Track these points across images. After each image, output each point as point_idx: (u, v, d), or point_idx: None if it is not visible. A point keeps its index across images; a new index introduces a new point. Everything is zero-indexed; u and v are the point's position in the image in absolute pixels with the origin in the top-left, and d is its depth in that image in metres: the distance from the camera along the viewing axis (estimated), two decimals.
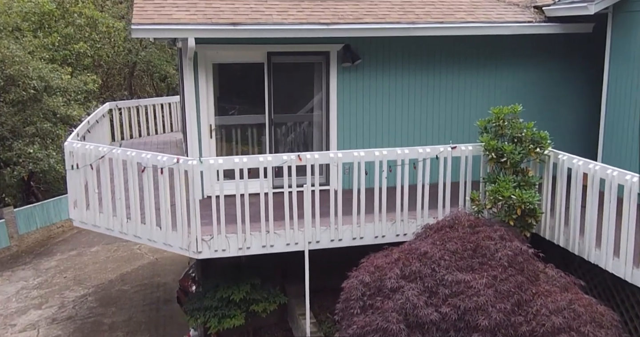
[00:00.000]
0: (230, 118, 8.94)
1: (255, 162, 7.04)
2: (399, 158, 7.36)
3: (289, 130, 9.14)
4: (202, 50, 8.21)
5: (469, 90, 9.39)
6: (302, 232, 7.28)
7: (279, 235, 7.26)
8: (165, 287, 13.57)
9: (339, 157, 7.20)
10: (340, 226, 7.37)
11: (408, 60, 9.07)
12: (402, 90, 9.15)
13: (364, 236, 7.48)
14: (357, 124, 9.10)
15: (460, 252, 6.17)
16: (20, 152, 17.54)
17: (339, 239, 7.43)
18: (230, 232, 7.13)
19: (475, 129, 9.44)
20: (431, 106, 9.27)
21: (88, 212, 8.09)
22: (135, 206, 7.46)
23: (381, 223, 7.49)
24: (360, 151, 7.26)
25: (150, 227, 7.38)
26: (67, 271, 15.68)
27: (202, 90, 8.50)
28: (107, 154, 7.57)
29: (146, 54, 25.61)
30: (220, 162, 6.93)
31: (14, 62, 17.00)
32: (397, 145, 9.19)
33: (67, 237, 19.39)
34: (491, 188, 6.69)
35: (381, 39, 8.77)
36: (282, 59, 8.75)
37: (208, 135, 8.71)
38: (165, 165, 7.03)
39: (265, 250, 7.27)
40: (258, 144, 9.12)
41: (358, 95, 9.02)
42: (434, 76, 9.20)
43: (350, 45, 8.75)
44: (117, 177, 7.55)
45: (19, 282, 15.34)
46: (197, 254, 7.05)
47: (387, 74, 9.04)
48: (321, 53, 8.79)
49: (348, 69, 8.88)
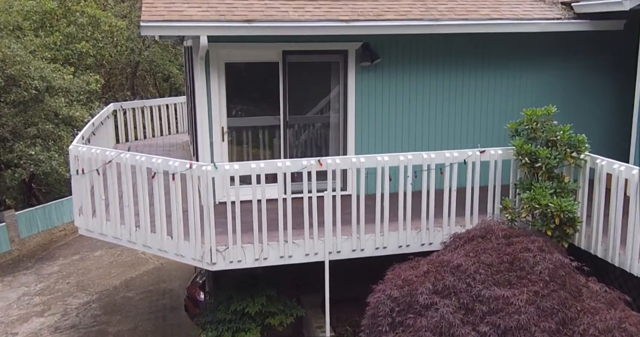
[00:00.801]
0: (243, 120, 8.51)
1: (272, 167, 6.62)
2: (424, 163, 6.94)
3: (304, 132, 8.72)
4: (214, 49, 7.78)
5: (492, 91, 8.96)
6: (322, 241, 6.85)
7: (297, 245, 6.83)
8: (172, 294, 13.16)
9: (362, 162, 6.77)
10: (362, 235, 6.94)
11: (429, 59, 8.64)
12: (422, 91, 8.72)
13: (387, 246, 7.05)
14: (375, 126, 8.67)
15: (496, 265, 5.74)
16: (22, 153, 17.12)
17: (361, 249, 7.00)
18: (246, 242, 6.71)
19: (499, 131, 9.06)
20: (452, 108, 8.85)
21: (94, 220, 7.67)
22: (145, 213, 7.04)
23: (405, 232, 7.06)
24: (384, 156, 6.83)
25: (161, 237, 6.96)
26: (70, 276, 15.27)
27: (214, 91, 8.08)
28: (115, 159, 7.15)
29: (149, 53, 25.19)
30: (236, 168, 6.50)
31: (15, 62, 16.57)
32: (417, 148, 8.79)
33: (69, 241, 18.97)
34: (527, 195, 6.26)
35: (402, 37, 8.34)
36: (298, 58, 8.32)
37: (220, 138, 8.28)
38: (177, 171, 6.61)
39: (283, 261, 6.84)
40: (271, 146, 8.69)
41: (377, 96, 8.59)
42: (456, 76, 8.78)
43: (369, 44, 8.32)
44: (125, 183, 7.13)
45: (20, 288, 14.93)
46: (211, 265, 6.63)
47: (408, 74, 8.61)
48: (339, 52, 8.36)
49: (367, 68, 8.46)
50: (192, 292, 11.24)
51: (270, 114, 8.52)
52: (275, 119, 8.51)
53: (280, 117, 8.44)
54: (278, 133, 8.56)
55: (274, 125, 8.57)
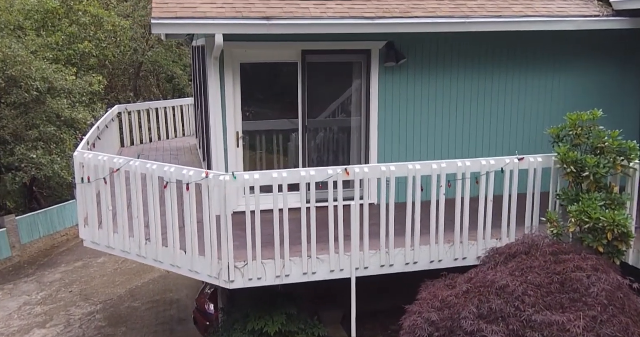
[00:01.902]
0: (259, 124, 7.98)
1: (295, 177, 6.09)
2: (459, 171, 6.41)
3: (323, 136, 8.19)
4: (229, 48, 7.25)
5: (523, 93, 8.43)
6: (348, 256, 6.32)
7: (322, 260, 6.30)
8: (179, 304, 12.62)
9: (392, 171, 6.24)
10: (391, 249, 6.41)
11: (457, 59, 8.12)
12: (449, 93, 8.19)
13: (418, 261, 6.52)
14: (399, 130, 8.15)
15: (546, 285, 5.20)
16: (22, 157, 16.62)
17: (389, 265, 6.47)
18: (267, 257, 6.18)
19: (529, 136, 8.55)
20: (481, 111, 8.32)
21: (100, 232, 7.14)
22: (156, 226, 6.51)
23: (438, 245, 6.53)
24: (415, 164, 6.30)
25: (173, 251, 6.43)
26: (72, 284, 14.74)
27: (228, 93, 7.55)
28: (124, 167, 6.62)
29: (153, 53, 24.69)
30: (257, 178, 5.97)
31: (16, 62, 16.07)
32: (444, 155, 8.27)
33: (71, 246, 18.46)
34: (575, 208, 5.72)
35: (428, 35, 7.81)
36: (318, 58, 7.79)
37: (234, 143, 7.75)
38: (191, 181, 6.08)
39: (306, 278, 6.31)
40: (288, 152, 8.16)
41: (402, 98, 8.06)
42: (485, 78, 8.25)
43: (393, 43, 7.80)
44: (135, 192, 6.61)
45: (21, 296, 14.40)
46: (228, 283, 6.09)
47: (434, 75, 8.08)
48: (361, 51, 7.84)
49: (391, 69, 7.93)
50: (201, 303, 10.70)
51: (288, 118, 8.00)
52: (293, 123, 7.98)
53: (298, 120, 7.91)
54: (296, 137, 8.03)
55: (292, 130, 8.04)
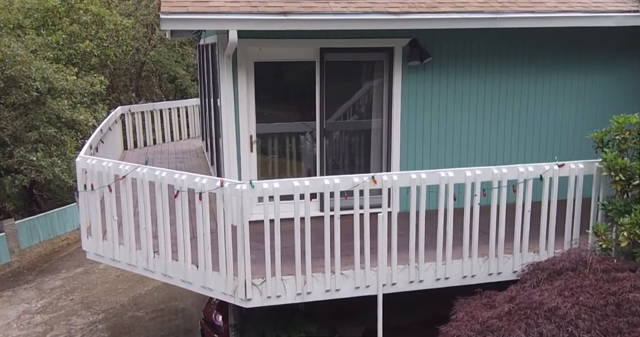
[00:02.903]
0: (274, 126, 7.47)
1: (319, 185, 5.58)
2: (495, 179, 5.89)
3: (342, 140, 7.68)
4: (243, 46, 6.73)
5: (554, 94, 7.92)
6: (374, 272, 5.81)
7: (346, 276, 5.79)
8: (185, 313, 12.11)
9: (423, 179, 5.73)
10: (421, 264, 5.90)
11: (485, 58, 7.60)
12: (477, 94, 7.68)
13: (449, 276, 6.01)
14: (423, 133, 7.64)
15: (600, 308, 4.70)
16: (22, 159, 16.10)
17: (419, 281, 5.96)
18: (287, 273, 5.67)
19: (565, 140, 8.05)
20: (510, 113, 7.81)
21: (105, 243, 6.64)
22: (165, 238, 6.00)
23: (471, 260, 6.02)
24: (448, 171, 5.79)
25: (184, 266, 5.92)
26: (73, 291, 14.23)
27: (242, 94, 7.04)
28: (130, 174, 6.11)
29: (155, 53, 24.17)
30: (277, 187, 5.46)
31: (15, 62, 15.56)
32: (470, 160, 7.78)
33: (72, 251, 17.93)
34: (627, 221, 5.22)
35: (455, 32, 7.31)
36: (337, 56, 7.28)
37: (248, 148, 7.24)
38: (205, 190, 5.57)
39: (329, 295, 5.80)
40: (305, 156, 7.66)
41: (426, 99, 7.55)
42: (514, 78, 7.74)
43: (417, 40, 7.29)
44: (142, 202, 6.10)
45: (20, 304, 13.89)
46: (245, 302, 5.58)
47: (460, 75, 7.57)
48: (383, 49, 7.33)
49: (414, 69, 7.42)
50: (209, 314, 10.21)
51: (305, 120, 7.49)
52: (310, 126, 7.47)
53: (316, 123, 7.40)
54: (313, 141, 7.52)
55: (309, 133, 7.54)
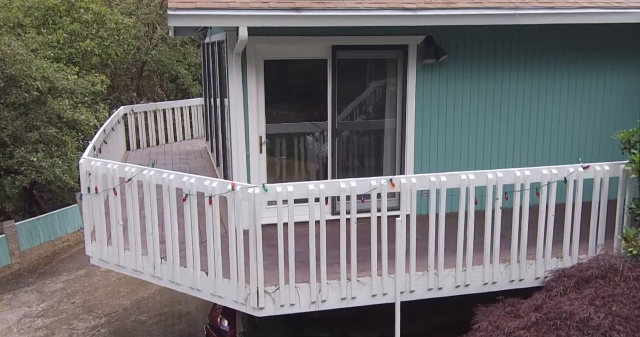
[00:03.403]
0: (284, 126, 7.22)
1: (334, 189, 5.32)
2: (517, 181, 5.65)
3: (354, 140, 7.43)
4: (252, 43, 6.48)
5: (573, 93, 7.68)
6: (392, 279, 5.56)
7: (362, 283, 5.54)
8: (189, 317, 11.85)
9: (443, 182, 5.48)
10: (441, 270, 5.66)
11: (503, 56, 7.35)
12: (493, 93, 7.44)
13: (470, 283, 5.76)
14: (438, 134, 7.39)
15: (635, 318, 4.46)
16: (22, 160, 15.83)
17: (438, 288, 5.71)
18: (301, 280, 5.42)
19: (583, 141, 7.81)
20: (528, 113, 7.57)
21: (109, 249, 6.39)
22: (173, 243, 5.75)
23: (492, 266, 5.77)
24: (469, 173, 5.55)
25: (193, 272, 5.67)
26: (75, 295, 13.96)
27: (251, 93, 6.79)
28: (136, 177, 5.86)
29: (157, 52, 23.90)
30: (291, 190, 5.21)
31: (16, 61, 15.27)
32: (487, 162, 7.54)
33: (73, 253, 17.67)
34: None
35: (472, 29, 7.06)
36: (350, 54, 7.03)
37: (257, 149, 6.99)
38: (215, 194, 5.32)
39: (345, 304, 5.55)
40: (316, 157, 7.41)
41: (441, 99, 7.31)
42: (533, 77, 7.49)
43: (433, 38, 7.04)
44: (149, 205, 5.85)
45: (20, 308, 13.62)
46: (257, 310, 5.34)
47: (477, 73, 7.32)
48: (398, 47, 7.08)
49: (429, 67, 7.17)
50: (214, 319, 9.94)
51: (316, 120, 7.25)
52: (321, 126, 7.23)
53: (327, 123, 7.15)
54: (324, 141, 7.28)
55: (320, 133, 7.29)
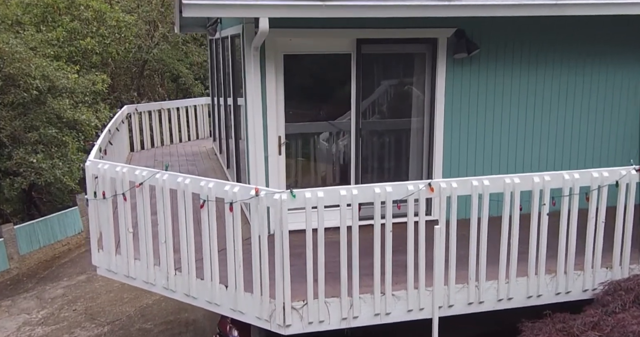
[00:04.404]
0: (304, 126, 6.75)
1: (368, 194, 4.83)
2: (566, 185, 5.17)
3: (379, 141, 6.95)
4: (272, 36, 5.97)
5: (618, 92, 7.20)
6: (429, 292, 5.08)
7: (397, 298, 5.06)
8: (196, 326, 11.36)
9: (486, 186, 5.00)
10: (482, 283, 5.18)
11: (541, 50, 6.87)
12: (530, 91, 6.95)
13: (513, 296, 5.28)
14: (469, 133, 6.91)
15: None
16: (21, 161, 15.33)
17: (479, 302, 5.23)
18: (331, 295, 4.94)
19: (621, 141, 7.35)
20: (570, 112, 7.10)
21: (118, 259, 5.91)
22: (189, 253, 5.27)
23: (538, 277, 5.29)
24: (514, 177, 5.07)
25: (212, 286, 5.18)
26: (76, 301, 13.46)
27: (270, 90, 6.31)
28: (148, 180, 5.38)
29: (158, 51, 23.40)
30: (321, 196, 4.72)
31: (14, 60, 14.78)
32: (525, 165, 7.11)
33: (73, 257, 17.16)
34: None
35: (507, 21, 6.57)
36: (375, 48, 6.55)
37: (276, 150, 6.50)
38: (237, 200, 4.83)
39: (378, 320, 5.06)
40: (338, 159, 6.93)
41: (472, 96, 6.83)
42: (575, 74, 7.01)
43: (464, 31, 6.56)
44: (163, 212, 5.36)
45: (20, 315, 13.11)
46: (283, 328, 4.85)
47: (510, 68, 6.84)
48: (426, 41, 6.61)
49: (460, 62, 6.69)
50: (224, 328, 9.44)
51: (338, 119, 6.77)
52: (345, 125, 6.75)
53: (351, 122, 6.67)
54: (347, 142, 6.80)
55: (343, 133, 6.82)
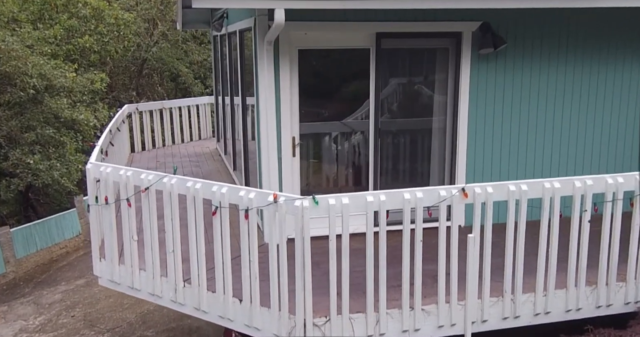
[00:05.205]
0: (319, 126, 6.34)
1: (397, 200, 4.42)
2: (609, 190, 4.78)
3: (398, 141, 6.54)
4: (286, 30, 5.56)
5: None
6: (461, 306, 4.68)
7: (427, 313, 4.65)
8: (200, 333, 10.93)
9: (524, 191, 4.60)
10: (518, 296, 4.77)
11: (574, 45, 6.46)
12: (560, 88, 6.56)
13: (551, 310, 4.88)
14: (494, 133, 6.51)
15: None
16: (18, 162, 14.90)
17: (515, 316, 4.82)
18: (355, 310, 4.53)
19: None
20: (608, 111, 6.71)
21: (122, 269, 5.49)
22: (200, 264, 4.86)
23: (578, 289, 4.89)
24: (553, 181, 4.67)
25: (225, 299, 4.77)
26: (74, 307, 13.02)
27: (285, 87, 5.89)
28: (155, 185, 4.96)
29: (157, 49, 22.97)
30: (346, 202, 4.30)
31: (10, 58, 14.34)
32: (546, 168, 6.69)
33: (71, 261, 16.72)
34: None
35: (537, 14, 6.20)
36: (396, 43, 6.14)
37: (290, 151, 6.09)
38: (253, 206, 4.42)
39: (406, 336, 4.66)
40: (355, 161, 6.53)
41: (498, 94, 6.43)
42: (614, 71, 6.62)
43: (490, 24, 6.16)
44: (171, 219, 4.95)
45: (16, 321, 12.68)
46: None
47: (538, 64, 6.44)
48: (450, 35, 6.20)
49: (485, 58, 6.29)
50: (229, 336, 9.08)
51: (356, 118, 6.36)
52: (363, 124, 6.34)
53: (370, 121, 6.26)
54: (365, 143, 6.39)
55: (360, 133, 6.41)
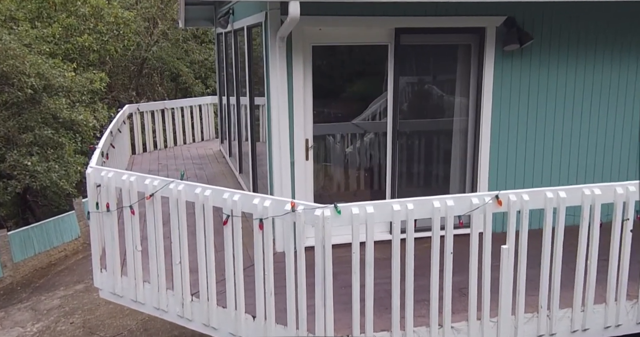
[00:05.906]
0: (334, 127, 5.98)
1: (426, 208, 4.05)
2: None
3: (417, 143, 6.18)
4: (300, 25, 5.18)
5: None
6: (493, 324, 4.31)
7: (457, 330, 4.29)
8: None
9: (562, 198, 4.23)
10: (554, 311, 4.41)
11: (606, 41, 6.09)
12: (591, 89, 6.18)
13: (589, 327, 4.52)
14: (518, 135, 6.14)
15: None
16: (15, 164, 14.54)
17: (550, 334, 4.46)
18: (380, 328, 4.17)
19: None
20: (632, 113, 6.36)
21: (124, 281, 5.12)
22: (209, 277, 4.49)
23: (617, 304, 4.53)
24: (593, 187, 4.30)
25: (236, 315, 4.40)
26: (73, 313, 12.64)
27: (298, 87, 5.52)
28: (161, 191, 4.59)
29: (157, 49, 22.59)
30: (371, 211, 3.94)
31: (8, 56, 13.99)
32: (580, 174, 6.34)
33: (70, 265, 16.33)
34: None
35: (566, 7, 5.83)
36: (416, 39, 5.76)
37: (303, 154, 5.72)
38: (268, 215, 4.05)
39: None
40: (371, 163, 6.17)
41: (523, 93, 6.06)
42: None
43: (515, 19, 5.80)
44: (178, 228, 4.58)
45: (14, 328, 12.29)
46: None
47: (565, 62, 6.06)
48: (472, 30, 5.83)
49: (510, 55, 5.92)
50: None
51: (372, 119, 6.00)
52: (381, 125, 5.97)
53: (388, 122, 5.89)
54: (382, 145, 6.02)
55: (378, 134, 6.05)
